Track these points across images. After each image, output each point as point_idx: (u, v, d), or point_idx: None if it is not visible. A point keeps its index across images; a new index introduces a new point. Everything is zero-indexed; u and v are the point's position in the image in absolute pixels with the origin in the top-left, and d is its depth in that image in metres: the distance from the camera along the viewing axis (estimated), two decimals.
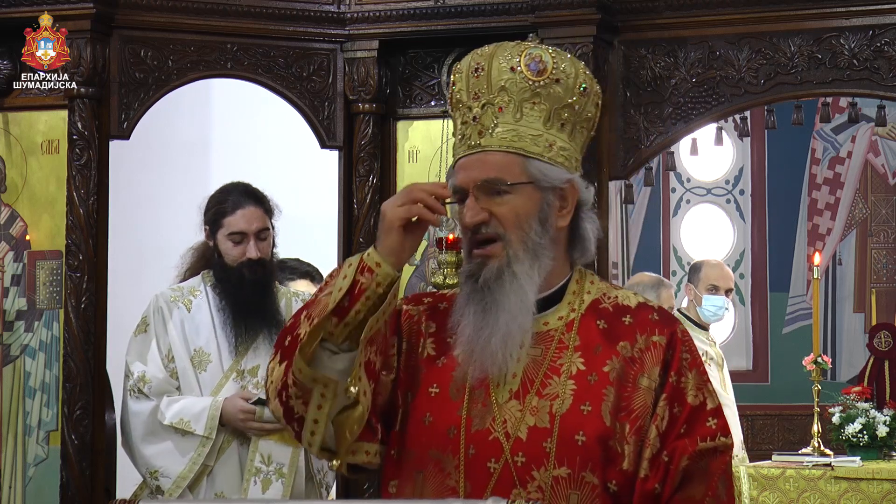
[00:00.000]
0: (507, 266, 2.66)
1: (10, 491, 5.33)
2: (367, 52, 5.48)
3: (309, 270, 6.62)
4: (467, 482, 2.64)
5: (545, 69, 2.69)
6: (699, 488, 2.65)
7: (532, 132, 2.69)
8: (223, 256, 4.90)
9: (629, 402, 2.65)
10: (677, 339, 2.71)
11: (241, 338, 4.90)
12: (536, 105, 2.69)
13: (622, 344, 2.69)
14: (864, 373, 8.21)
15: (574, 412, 2.63)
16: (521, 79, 2.68)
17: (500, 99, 2.69)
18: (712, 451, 2.67)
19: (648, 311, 2.75)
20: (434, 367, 2.73)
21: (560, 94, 2.70)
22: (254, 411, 4.80)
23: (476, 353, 2.65)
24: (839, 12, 5.14)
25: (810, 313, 8.95)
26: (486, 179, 2.67)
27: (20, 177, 5.44)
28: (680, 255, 10.60)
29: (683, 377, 2.69)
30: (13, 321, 5.39)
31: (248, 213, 4.86)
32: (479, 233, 2.68)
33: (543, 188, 2.67)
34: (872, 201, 10.41)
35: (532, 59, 2.69)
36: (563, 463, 2.62)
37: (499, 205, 2.67)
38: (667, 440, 2.65)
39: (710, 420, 2.68)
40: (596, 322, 2.71)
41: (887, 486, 6.65)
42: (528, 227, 2.66)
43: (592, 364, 2.67)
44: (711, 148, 9.50)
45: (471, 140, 2.71)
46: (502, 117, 2.69)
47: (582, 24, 5.18)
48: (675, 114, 5.29)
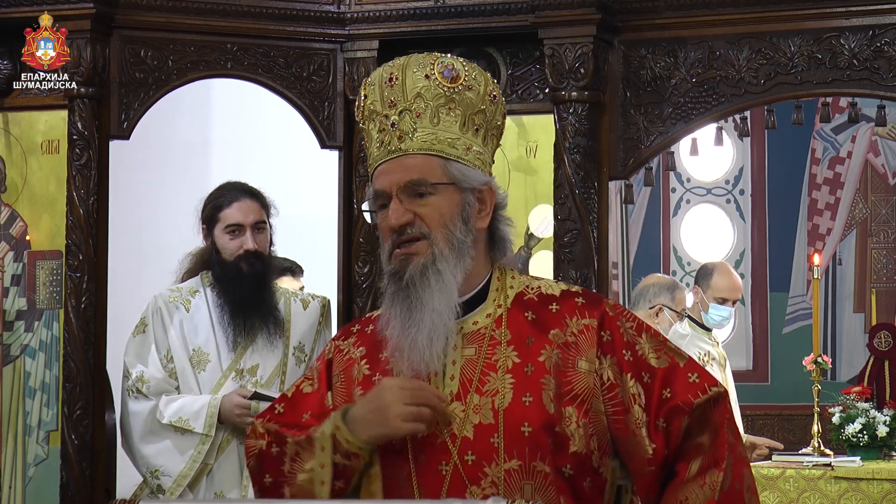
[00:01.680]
0: (432, 263, 2.70)
1: (10, 491, 5.33)
2: (367, 52, 5.48)
3: (289, 267, 6.62)
4: (420, 487, 2.67)
5: (458, 76, 2.76)
6: (705, 437, 2.68)
7: (450, 136, 2.75)
8: (221, 252, 4.91)
9: (572, 387, 2.68)
10: (608, 316, 2.74)
11: (240, 336, 4.90)
12: (452, 110, 2.75)
13: (554, 332, 2.72)
14: (864, 373, 8.22)
15: (516, 405, 2.67)
16: (436, 85, 2.74)
17: (417, 105, 2.75)
18: (708, 402, 2.70)
19: (574, 296, 2.78)
20: (371, 385, 2.76)
21: (472, 100, 2.76)
22: (249, 406, 4.80)
23: (405, 352, 2.70)
24: (839, 12, 5.14)
25: (810, 313, 8.95)
26: (409, 181, 2.72)
27: (20, 177, 5.44)
28: (680, 255, 10.60)
29: (636, 346, 2.72)
30: (13, 321, 5.40)
31: (244, 205, 4.89)
32: (404, 234, 2.72)
33: (464, 189, 2.73)
34: (872, 201, 10.42)
35: (445, 66, 2.76)
36: (512, 456, 2.65)
37: (422, 206, 2.72)
38: (652, 408, 2.68)
39: (691, 376, 2.71)
40: (524, 314, 2.75)
41: (887, 486, 6.65)
42: (453, 225, 2.72)
43: (526, 355, 2.71)
44: (711, 148, 9.50)
45: (390, 146, 2.76)
46: (420, 122, 2.75)
47: (582, 24, 5.18)
48: (675, 114, 5.29)
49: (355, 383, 2.80)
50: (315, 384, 2.87)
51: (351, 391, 2.79)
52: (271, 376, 4.94)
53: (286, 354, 4.98)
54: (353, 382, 2.80)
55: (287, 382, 4.94)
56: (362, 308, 5.36)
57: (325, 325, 5.16)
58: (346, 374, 2.82)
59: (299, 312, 5.07)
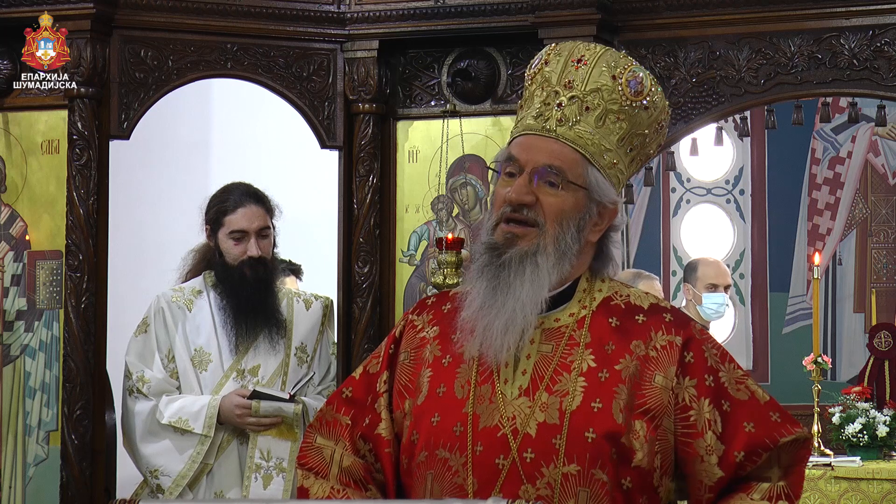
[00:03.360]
0: (534, 254, 2.65)
1: (10, 491, 5.33)
2: (367, 52, 5.47)
3: (295, 268, 6.63)
4: (475, 479, 2.63)
5: (641, 92, 2.71)
6: (775, 471, 2.67)
7: (606, 144, 2.70)
8: (224, 256, 4.91)
9: (645, 401, 2.65)
10: (696, 339, 2.70)
11: (242, 337, 4.91)
12: (619, 121, 2.71)
13: (636, 343, 2.68)
14: (864, 373, 8.21)
15: (584, 409, 2.63)
16: (619, 91, 2.70)
17: (591, 99, 2.69)
18: (794, 443, 2.69)
19: (662, 312, 2.74)
20: (440, 368, 2.73)
21: (642, 121, 2.73)
22: (250, 406, 4.80)
23: (477, 332, 2.66)
24: (839, 12, 5.14)
25: (810, 313, 8.94)
26: (548, 165, 2.67)
27: (20, 177, 5.44)
28: (680, 255, 10.59)
29: (718, 373, 2.68)
30: (13, 321, 5.39)
31: (249, 211, 4.88)
32: (519, 212, 2.68)
33: (592, 199, 2.69)
34: (872, 201, 10.41)
35: (635, 76, 2.71)
36: (572, 460, 2.61)
37: (549, 195, 2.67)
38: (729, 439, 2.65)
39: (773, 414, 2.69)
40: (608, 319, 2.71)
41: (887, 486, 6.65)
42: (567, 227, 2.67)
43: (603, 361, 2.67)
44: (711, 148, 9.50)
45: (548, 123, 2.70)
46: (586, 117, 2.69)
47: (582, 24, 5.17)
48: (675, 114, 5.29)
49: (426, 365, 2.76)
50: (380, 364, 2.84)
51: (420, 372, 2.76)
52: (272, 377, 4.94)
53: (288, 355, 4.98)
54: (423, 364, 2.76)
55: (288, 383, 4.94)
56: (362, 308, 5.36)
57: (327, 325, 5.17)
58: (417, 354, 2.78)
59: (301, 313, 5.07)
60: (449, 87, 5.46)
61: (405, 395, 2.76)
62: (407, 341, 2.81)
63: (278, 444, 4.83)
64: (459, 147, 5.37)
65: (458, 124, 5.34)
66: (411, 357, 2.79)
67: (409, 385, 2.77)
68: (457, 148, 5.39)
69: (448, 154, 5.40)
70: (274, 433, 4.84)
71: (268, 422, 4.82)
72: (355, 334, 5.31)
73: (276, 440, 4.83)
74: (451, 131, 5.38)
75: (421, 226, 5.47)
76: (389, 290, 5.43)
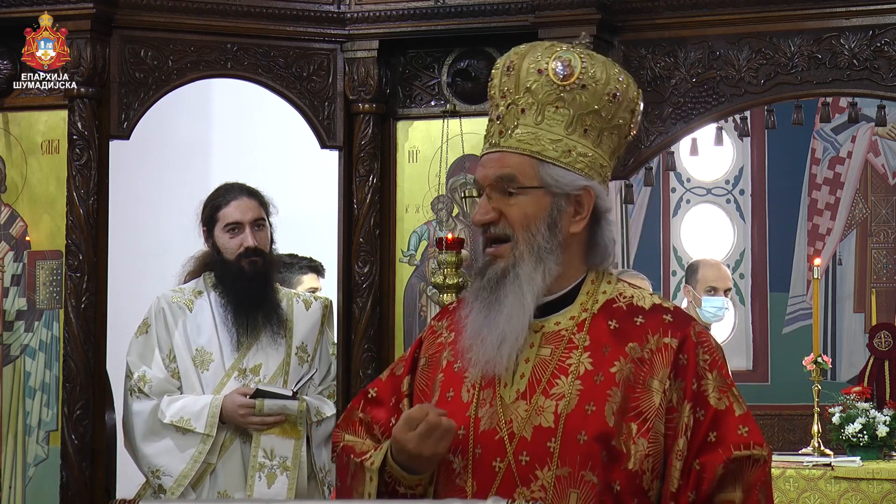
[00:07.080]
0: (513, 266, 2.68)
1: (10, 491, 5.33)
2: (367, 52, 5.47)
3: (314, 265, 6.66)
4: (474, 482, 2.67)
5: (571, 74, 2.69)
6: (737, 494, 2.63)
7: (551, 136, 2.69)
8: (222, 252, 4.93)
9: (637, 404, 2.65)
10: (691, 342, 2.69)
11: (243, 335, 4.92)
12: (559, 109, 2.70)
13: (631, 345, 2.68)
14: (864, 373, 8.22)
15: (578, 412, 2.64)
16: (547, 81, 2.69)
17: (524, 100, 2.70)
18: (747, 459, 2.64)
19: (663, 312, 2.74)
20: (451, 373, 2.77)
21: (585, 101, 2.70)
22: (253, 405, 4.81)
23: (474, 351, 2.70)
24: (839, 12, 5.14)
25: (810, 313, 8.95)
26: (499, 176, 2.69)
27: (20, 177, 5.44)
28: (680, 255, 10.59)
29: (703, 380, 2.68)
30: (13, 321, 5.39)
31: (242, 203, 4.93)
32: (488, 231, 2.72)
33: (555, 193, 2.69)
34: (872, 201, 10.41)
35: (561, 61, 2.70)
36: (565, 463, 2.63)
37: (509, 205, 2.69)
38: (694, 447, 2.63)
39: (741, 428, 2.67)
40: (607, 322, 2.71)
41: (887, 486, 6.65)
42: (536, 230, 2.68)
43: (600, 364, 2.67)
44: (711, 148, 9.50)
45: (492, 138, 2.74)
46: (523, 119, 2.70)
47: (582, 25, 5.17)
48: (675, 114, 5.29)
49: (439, 369, 2.80)
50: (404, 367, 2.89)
51: (434, 376, 2.80)
52: (274, 376, 4.94)
53: (289, 354, 4.99)
54: (437, 368, 2.81)
55: (290, 382, 4.95)
56: (362, 308, 5.35)
57: (327, 325, 5.18)
58: (434, 359, 2.83)
59: (301, 313, 5.09)
60: (449, 87, 5.46)
61: (422, 398, 2.81)
62: (426, 346, 2.87)
63: (282, 442, 4.84)
64: (459, 147, 5.37)
65: (458, 124, 5.34)
66: (429, 362, 2.84)
67: (426, 389, 2.82)
68: (457, 148, 5.39)
69: (448, 154, 5.40)
70: (277, 431, 4.84)
71: (272, 420, 4.82)
72: (355, 334, 5.31)
73: (279, 439, 4.84)
74: (451, 131, 5.38)
75: (421, 226, 5.47)
76: (389, 290, 5.43)
